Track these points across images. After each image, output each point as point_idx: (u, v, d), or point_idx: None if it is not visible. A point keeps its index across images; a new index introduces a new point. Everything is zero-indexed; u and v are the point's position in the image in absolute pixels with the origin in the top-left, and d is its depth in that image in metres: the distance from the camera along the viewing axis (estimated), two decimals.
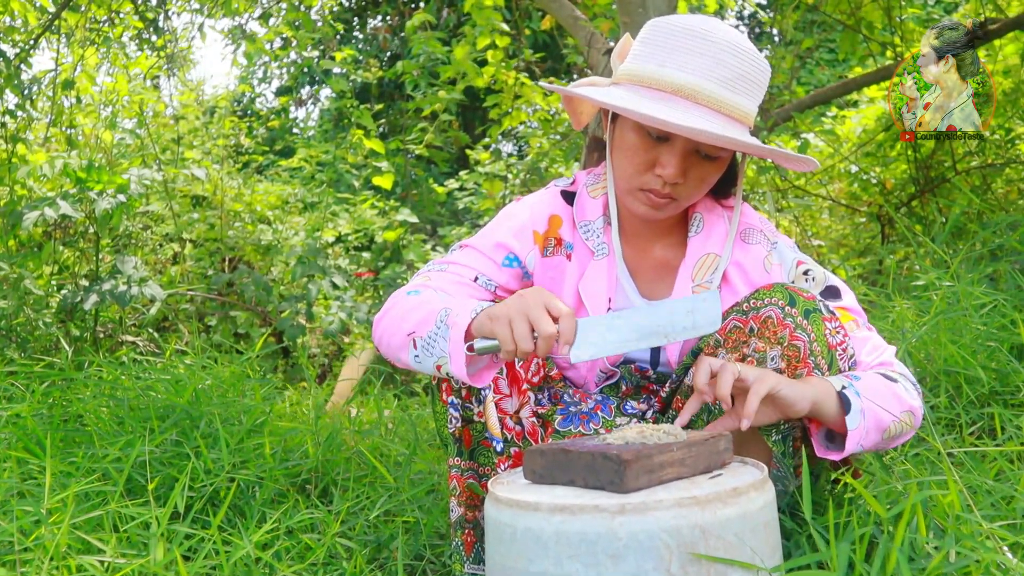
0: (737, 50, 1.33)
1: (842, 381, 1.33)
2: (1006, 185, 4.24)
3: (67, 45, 4.74)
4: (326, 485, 1.97)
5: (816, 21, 4.60)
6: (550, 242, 1.54)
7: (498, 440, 1.46)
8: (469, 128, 7.75)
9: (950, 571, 1.13)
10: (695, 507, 1.05)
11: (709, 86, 1.33)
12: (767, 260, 1.51)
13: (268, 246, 5.07)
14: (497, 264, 1.53)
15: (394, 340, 1.39)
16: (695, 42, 1.33)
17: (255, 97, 10.38)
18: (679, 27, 1.35)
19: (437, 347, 1.29)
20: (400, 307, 1.42)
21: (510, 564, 1.11)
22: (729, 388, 1.26)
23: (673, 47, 1.34)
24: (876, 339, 1.49)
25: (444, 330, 1.28)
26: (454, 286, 1.49)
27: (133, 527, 1.51)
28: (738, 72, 1.34)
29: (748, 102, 1.37)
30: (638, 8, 3.13)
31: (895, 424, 1.35)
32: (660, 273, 1.54)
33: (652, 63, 1.36)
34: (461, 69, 4.75)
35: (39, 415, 2.13)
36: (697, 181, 1.43)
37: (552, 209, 1.56)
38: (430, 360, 1.31)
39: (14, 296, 3.71)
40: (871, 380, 1.36)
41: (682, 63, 1.33)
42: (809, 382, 1.32)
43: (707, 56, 1.32)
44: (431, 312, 1.33)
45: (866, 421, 1.31)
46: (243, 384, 2.34)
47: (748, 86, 1.35)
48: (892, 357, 1.48)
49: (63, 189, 3.72)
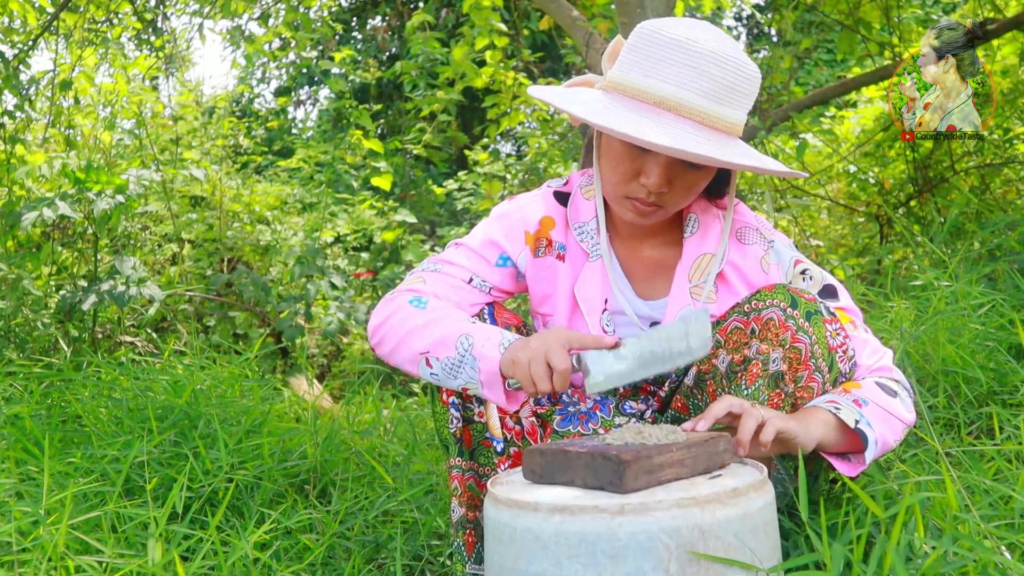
0: (723, 60, 1.32)
1: (854, 414, 1.35)
2: (1004, 185, 4.24)
3: (66, 46, 4.74)
4: (324, 485, 1.97)
5: (814, 21, 4.60)
6: (541, 243, 1.54)
7: (499, 440, 1.46)
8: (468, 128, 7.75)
9: (947, 571, 1.13)
10: (694, 508, 1.05)
11: (692, 98, 1.32)
12: (764, 260, 1.51)
13: (267, 246, 5.07)
14: (490, 264, 1.54)
15: (401, 352, 1.44)
16: (680, 53, 1.32)
17: (254, 97, 10.38)
18: (665, 37, 1.34)
19: (463, 374, 1.37)
20: (405, 318, 1.44)
21: (509, 564, 1.11)
22: (750, 435, 1.27)
23: (659, 58, 1.34)
24: (874, 342, 1.50)
25: (471, 360, 1.36)
26: (451, 290, 1.50)
27: (131, 527, 1.51)
28: (723, 83, 1.33)
29: (734, 112, 1.36)
30: (636, 8, 3.13)
31: (896, 442, 1.41)
32: (655, 273, 1.54)
33: (637, 73, 1.36)
34: (460, 69, 4.75)
35: (37, 415, 2.13)
36: (683, 189, 1.42)
37: (544, 210, 1.56)
38: (454, 382, 1.39)
39: (13, 297, 3.71)
40: (876, 404, 1.39)
41: (667, 75, 1.33)
42: (816, 419, 1.34)
43: (692, 67, 1.32)
44: (448, 336, 1.39)
45: (878, 448, 1.37)
46: (242, 384, 2.34)
47: (734, 96, 1.34)
48: (890, 362, 1.49)
49: (61, 190, 3.72)
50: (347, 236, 5.52)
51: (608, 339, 1.33)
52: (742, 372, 1.40)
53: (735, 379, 1.40)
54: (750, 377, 1.38)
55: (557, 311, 1.54)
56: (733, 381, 1.40)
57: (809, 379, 1.37)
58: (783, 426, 1.29)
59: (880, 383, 1.43)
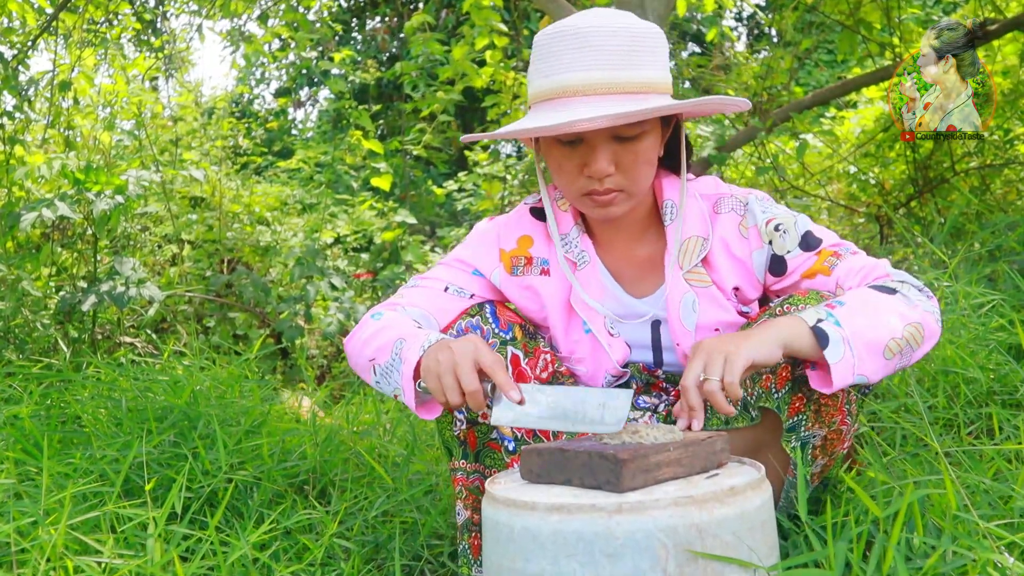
0: (609, 30, 1.32)
1: (818, 313, 1.28)
2: (1004, 186, 4.24)
3: (65, 46, 4.74)
4: (324, 486, 1.97)
5: (815, 22, 4.60)
6: (519, 261, 1.55)
7: (509, 440, 1.46)
8: (468, 129, 7.75)
9: (947, 570, 1.13)
10: (692, 506, 1.05)
11: (593, 75, 1.32)
12: (742, 225, 1.49)
13: (266, 247, 5.07)
14: (466, 273, 1.56)
15: (359, 362, 1.45)
16: (568, 40, 1.33)
17: (253, 98, 10.38)
18: (553, 34, 1.35)
19: (392, 378, 1.36)
20: (365, 330, 1.46)
21: (507, 563, 1.11)
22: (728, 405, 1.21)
23: (551, 53, 1.35)
24: (863, 259, 1.44)
25: (398, 363, 1.34)
26: (426, 299, 1.52)
27: (130, 528, 1.51)
28: (617, 50, 1.32)
29: (642, 72, 1.34)
30: (636, 9, 3.13)
31: (896, 341, 1.29)
32: (645, 270, 1.54)
33: (540, 76, 1.37)
34: (460, 70, 4.75)
35: (37, 416, 2.13)
36: (632, 165, 1.40)
37: (521, 229, 1.57)
38: (388, 388, 1.38)
39: (12, 297, 3.71)
40: (859, 300, 1.31)
41: (562, 65, 1.34)
42: (776, 324, 1.27)
43: (581, 49, 1.32)
44: (389, 340, 1.39)
45: (853, 349, 1.25)
46: (241, 385, 2.34)
47: (634, 57, 1.33)
48: (887, 269, 1.42)
49: (61, 190, 3.72)
50: (347, 237, 5.52)
51: (514, 394, 1.27)
52: (769, 375, 1.38)
53: (760, 380, 1.39)
54: (779, 381, 1.37)
55: (552, 323, 1.54)
56: (758, 383, 1.40)
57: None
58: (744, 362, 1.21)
59: (874, 286, 1.36)
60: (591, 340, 1.52)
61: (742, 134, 4.08)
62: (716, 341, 1.24)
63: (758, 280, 1.50)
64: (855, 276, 1.41)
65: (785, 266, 1.46)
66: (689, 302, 1.47)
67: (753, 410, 1.46)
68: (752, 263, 1.48)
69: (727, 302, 1.48)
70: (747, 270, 1.48)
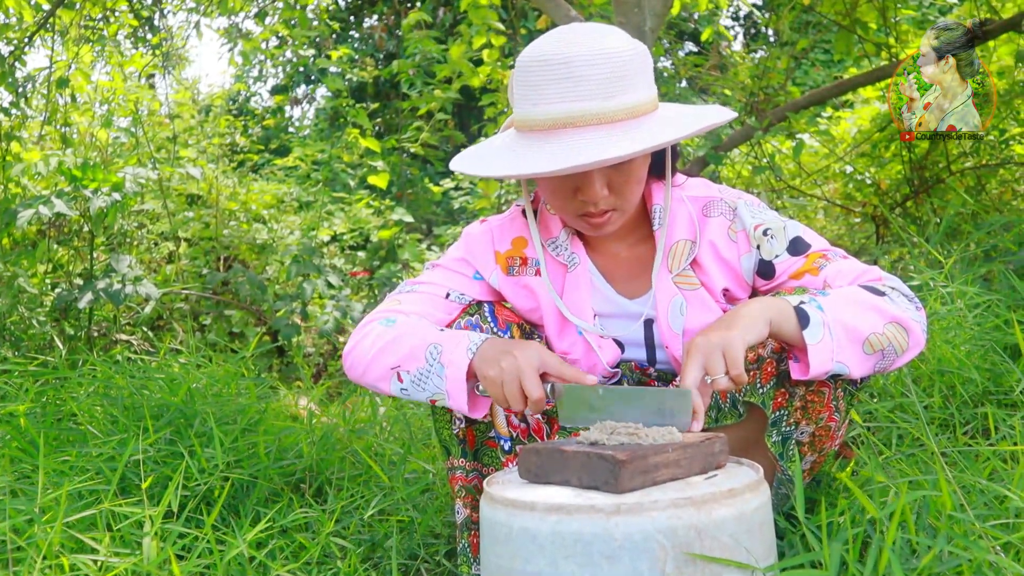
0: (594, 58, 1.30)
1: (802, 298, 1.31)
2: (1000, 186, 4.25)
3: (62, 43, 4.72)
4: (320, 484, 1.97)
5: (811, 22, 4.61)
6: (515, 261, 1.55)
7: (506, 439, 1.46)
8: (465, 127, 7.74)
9: (943, 570, 1.13)
10: (690, 508, 1.05)
11: (581, 106, 1.30)
12: (731, 229, 1.50)
13: (263, 245, 5.06)
14: (468, 277, 1.56)
15: (371, 371, 1.44)
16: (553, 70, 1.31)
17: (250, 96, 10.36)
18: (536, 60, 1.32)
19: (431, 383, 1.37)
20: (375, 337, 1.44)
21: (505, 564, 1.11)
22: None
23: (537, 83, 1.33)
24: (854, 263, 1.46)
25: (438, 368, 1.36)
26: (427, 306, 1.51)
27: (126, 526, 1.51)
28: (602, 79, 1.30)
29: (629, 96, 1.33)
30: (633, 8, 3.13)
31: (878, 337, 1.31)
32: (635, 272, 1.54)
33: (528, 105, 1.35)
34: (457, 68, 4.75)
35: (33, 414, 2.12)
36: (625, 185, 1.40)
37: (515, 230, 1.57)
38: (422, 394, 1.39)
39: (8, 294, 3.70)
40: (845, 293, 1.34)
41: (550, 95, 1.31)
42: (760, 301, 1.31)
43: (567, 79, 1.30)
44: (417, 347, 1.39)
45: (833, 334, 1.28)
46: (238, 383, 2.33)
47: (619, 83, 1.32)
48: (879, 273, 1.44)
49: (58, 187, 3.72)
50: (343, 235, 5.51)
51: (589, 378, 1.31)
52: (755, 371, 1.41)
53: (748, 376, 1.41)
54: (765, 376, 1.40)
55: (547, 323, 1.55)
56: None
57: (821, 384, 1.38)
58: (741, 354, 1.22)
59: (863, 286, 1.38)
60: (584, 341, 1.52)
61: (738, 133, 4.09)
62: (707, 337, 1.26)
63: (747, 283, 1.52)
64: (845, 277, 1.43)
65: (773, 270, 1.48)
66: (677, 305, 1.49)
67: (740, 406, 1.48)
68: (740, 267, 1.50)
69: (715, 304, 1.49)
70: (736, 273, 1.50)
